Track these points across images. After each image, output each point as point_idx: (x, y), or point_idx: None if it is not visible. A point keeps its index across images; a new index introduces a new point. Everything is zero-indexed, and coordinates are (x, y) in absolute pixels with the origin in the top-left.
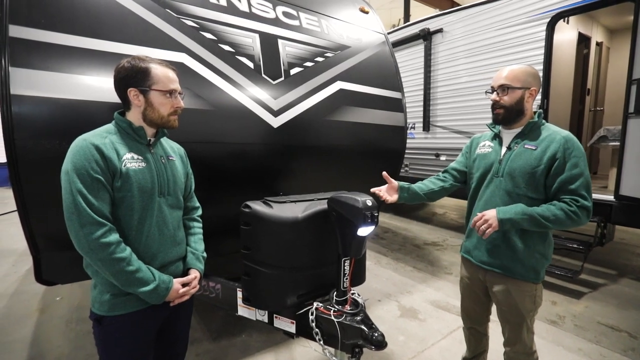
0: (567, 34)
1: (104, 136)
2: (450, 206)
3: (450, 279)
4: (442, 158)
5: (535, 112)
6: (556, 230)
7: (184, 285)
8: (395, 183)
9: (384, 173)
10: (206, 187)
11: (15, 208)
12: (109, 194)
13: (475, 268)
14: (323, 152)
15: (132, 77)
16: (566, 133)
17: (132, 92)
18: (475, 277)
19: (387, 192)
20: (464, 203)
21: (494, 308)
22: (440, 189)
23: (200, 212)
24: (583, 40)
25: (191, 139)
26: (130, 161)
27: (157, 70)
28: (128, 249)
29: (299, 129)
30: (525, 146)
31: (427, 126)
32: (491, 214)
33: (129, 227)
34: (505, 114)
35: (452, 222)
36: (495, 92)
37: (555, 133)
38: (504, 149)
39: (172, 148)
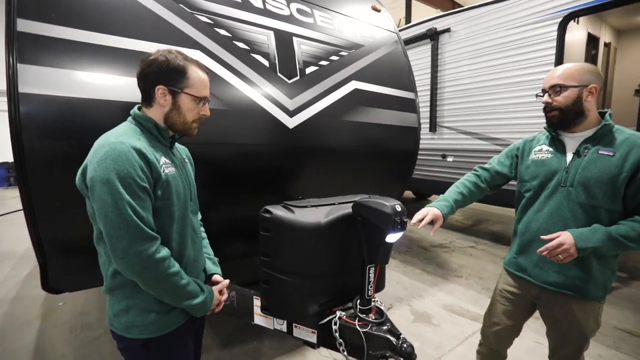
0: (576, 35)
1: (137, 138)
2: None
3: (460, 282)
4: (449, 159)
5: (605, 112)
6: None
7: (220, 292)
8: (440, 218)
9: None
10: (220, 189)
11: (13, 209)
12: (152, 204)
13: (529, 286)
14: (338, 154)
15: (165, 74)
16: None
17: (160, 90)
18: (526, 295)
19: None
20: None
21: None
22: (477, 198)
23: (200, 216)
24: (592, 41)
25: (205, 139)
26: (166, 166)
27: (194, 72)
28: (176, 262)
29: (315, 130)
30: (600, 152)
31: (433, 127)
32: (568, 241)
33: (170, 238)
34: (561, 117)
35: (457, 223)
36: (546, 94)
37: (634, 137)
38: (569, 155)
39: (181, 150)
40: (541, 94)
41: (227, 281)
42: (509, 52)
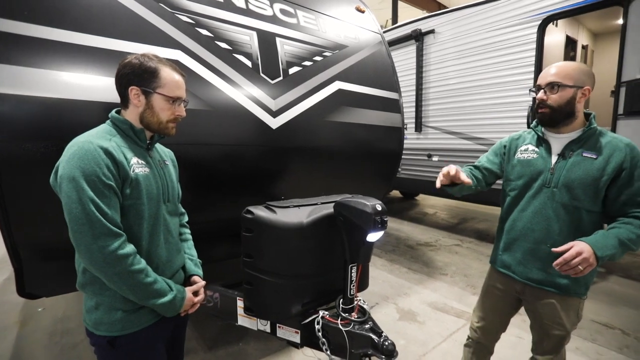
0: (555, 37)
1: (108, 138)
2: (440, 206)
3: (446, 280)
4: (434, 159)
5: (589, 115)
6: None
7: (194, 293)
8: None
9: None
10: (203, 190)
11: None
12: (119, 202)
13: (513, 282)
14: (322, 154)
15: (137, 75)
16: (628, 140)
17: (133, 91)
18: (511, 290)
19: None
20: (453, 203)
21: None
22: (471, 190)
23: (187, 218)
24: (570, 43)
25: (187, 140)
26: (137, 166)
27: (166, 73)
28: (143, 260)
29: (299, 130)
30: (584, 154)
31: (419, 127)
32: (587, 250)
33: (139, 237)
34: (552, 115)
35: (443, 222)
36: (542, 91)
37: (616, 140)
38: (554, 157)
39: (163, 152)
40: (534, 90)
41: (203, 282)
42: (491, 53)
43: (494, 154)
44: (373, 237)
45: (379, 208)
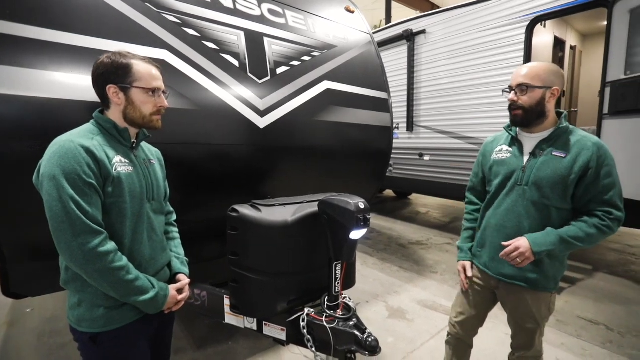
0: (544, 38)
1: (90, 137)
2: (432, 205)
3: (435, 278)
4: (426, 158)
5: (560, 114)
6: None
7: (178, 291)
8: (469, 266)
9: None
10: (190, 190)
11: None
12: (100, 200)
13: (489, 277)
14: (310, 153)
15: (112, 73)
16: (596, 139)
17: (111, 89)
18: (487, 285)
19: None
20: (446, 202)
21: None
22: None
23: (175, 217)
24: (558, 44)
25: (174, 140)
26: (120, 165)
27: (139, 66)
28: (124, 257)
29: (286, 130)
30: (553, 153)
31: (410, 126)
32: (525, 245)
33: (121, 235)
34: (525, 116)
35: (435, 220)
36: (513, 92)
37: (585, 139)
38: (526, 156)
39: (150, 151)
40: (508, 90)
41: (187, 280)
42: (481, 53)
43: (476, 165)
44: (356, 234)
45: (362, 206)
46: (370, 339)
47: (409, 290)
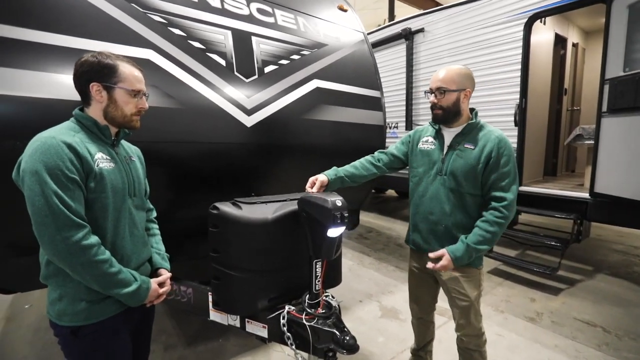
0: (544, 35)
1: (72, 134)
2: None
3: None
4: None
5: (472, 111)
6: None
7: (159, 285)
8: (325, 182)
9: (310, 183)
10: (178, 188)
11: None
12: (83, 195)
13: (425, 258)
14: (299, 152)
15: (97, 72)
16: (499, 133)
17: (94, 87)
18: (423, 269)
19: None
20: None
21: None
22: (371, 175)
23: (155, 214)
24: (560, 42)
25: (160, 138)
26: (102, 161)
27: (125, 68)
28: (107, 251)
29: (274, 128)
30: (465, 146)
31: (409, 125)
32: (445, 257)
33: (104, 229)
34: (444, 115)
35: None
36: (433, 94)
37: (490, 133)
38: (445, 148)
39: (130, 148)
40: (429, 92)
41: (168, 274)
42: (480, 51)
43: (402, 142)
44: (333, 232)
45: (339, 204)
46: (347, 338)
47: (404, 290)
